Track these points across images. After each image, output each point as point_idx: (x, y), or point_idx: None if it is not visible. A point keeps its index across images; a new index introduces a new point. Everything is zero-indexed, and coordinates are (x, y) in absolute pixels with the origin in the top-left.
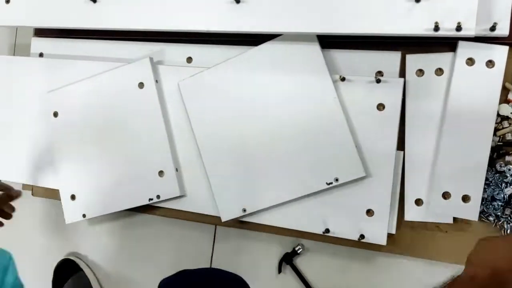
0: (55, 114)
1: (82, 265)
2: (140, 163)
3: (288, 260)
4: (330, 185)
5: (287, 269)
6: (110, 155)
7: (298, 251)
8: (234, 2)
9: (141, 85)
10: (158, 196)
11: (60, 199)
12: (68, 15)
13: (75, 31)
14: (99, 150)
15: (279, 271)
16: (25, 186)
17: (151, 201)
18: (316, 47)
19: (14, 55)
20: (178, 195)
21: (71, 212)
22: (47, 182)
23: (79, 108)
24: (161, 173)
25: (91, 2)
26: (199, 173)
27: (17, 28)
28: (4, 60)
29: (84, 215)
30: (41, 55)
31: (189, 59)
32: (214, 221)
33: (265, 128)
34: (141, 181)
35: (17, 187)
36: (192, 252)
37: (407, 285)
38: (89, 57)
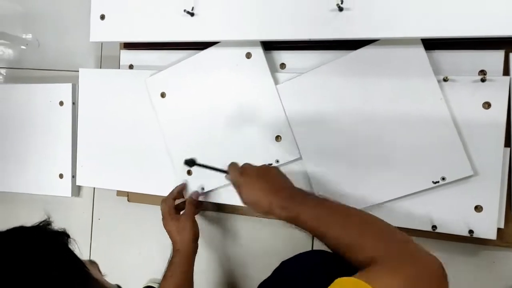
0: (163, 95)
1: None
2: (255, 130)
3: None
4: (437, 184)
5: None
6: (221, 127)
7: None
8: (337, 10)
9: (248, 55)
10: (277, 161)
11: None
12: (165, 29)
13: (166, 43)
14: (211, 124)
15: None
16: (119, 193)
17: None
18: (420, 50)
19: (100, 67)
20: (297, 157)
21: (190, 187)
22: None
23: (186, 86)
24: (278, 137)
25: (189, 16)
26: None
27: (102, 42)
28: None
29: (203, 188)
30: (131, 67)
31: (282, 65)
32: None
33: (368, 129)
34: (257, 148)
35: (111, 194)
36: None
37: None
38: None
